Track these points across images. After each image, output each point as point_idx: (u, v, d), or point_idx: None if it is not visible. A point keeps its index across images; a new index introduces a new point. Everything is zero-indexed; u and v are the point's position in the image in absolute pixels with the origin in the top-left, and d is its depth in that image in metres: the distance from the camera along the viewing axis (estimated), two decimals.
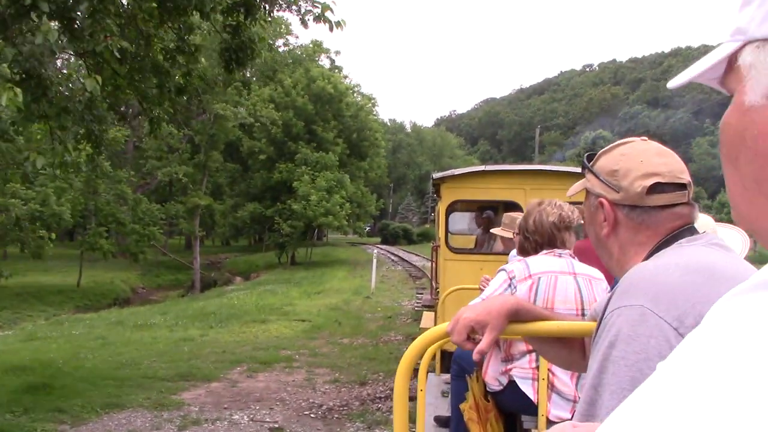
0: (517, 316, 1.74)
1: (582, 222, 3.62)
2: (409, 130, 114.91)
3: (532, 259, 3.52)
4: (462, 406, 3.74)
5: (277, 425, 7.32)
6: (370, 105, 51.56)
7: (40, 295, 28.83)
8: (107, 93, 8.17)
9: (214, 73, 10.29)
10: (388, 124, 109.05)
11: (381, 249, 53.36)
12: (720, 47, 0.73)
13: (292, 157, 39.86)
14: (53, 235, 15.18)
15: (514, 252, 4.44)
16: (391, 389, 8.85)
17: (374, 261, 23.94)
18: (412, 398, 7.39)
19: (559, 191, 2.47)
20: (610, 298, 1.37)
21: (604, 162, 1.57)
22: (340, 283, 27.16)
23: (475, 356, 1.73)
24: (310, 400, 8.47)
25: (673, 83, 0.84)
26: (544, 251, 3.55)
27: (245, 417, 7.61)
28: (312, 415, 7.82)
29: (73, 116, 6.86)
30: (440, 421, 5.13)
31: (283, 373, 10.10)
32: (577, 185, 1.72)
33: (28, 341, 13.56)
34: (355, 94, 50.02)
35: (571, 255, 3.58)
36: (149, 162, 34.15)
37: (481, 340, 1.71)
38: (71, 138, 8.00)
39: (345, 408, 8.14)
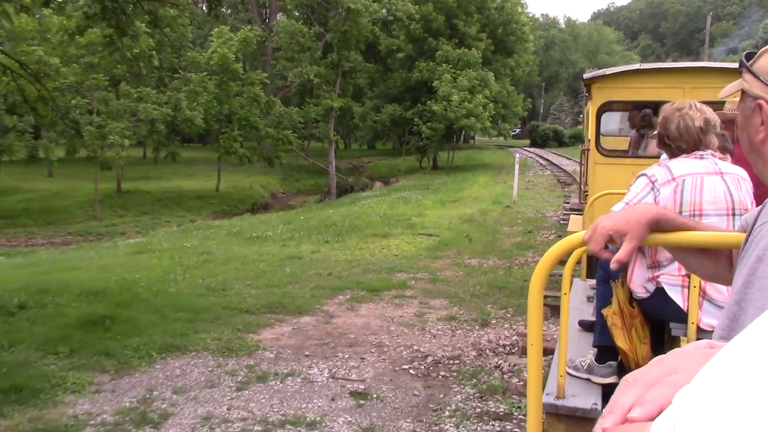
0: (658, 225, 1.63)
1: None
2: (563, 26, 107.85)
3: (674, 162, 3.40)
4: (605, 311, 3.71)
5: (362, 388, 5.64)
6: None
7: (180, 200, 28.92)
8: None
9: None
10: (540, 19, 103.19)
11: (529, 152, 50.53)
12: None
13: (432, 54, 37.45)
14: (126, 142, 13.99)
15: (665, 155, 3.86)
16: (519, 334, 7.04)
17: (516, 166, 21.62)
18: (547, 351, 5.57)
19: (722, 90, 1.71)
20: (761, 210, 1.32)
21: (767, 61, 1.35)
22: (480, 190, 25.16)
23: (612, 265, 1.62)
24: (414, 348, 6.73)
25: None
26: (684, 154, 3.41)
27: (326, 371, 5.99)
28: (412, 371, 6.08)
29: None
30: (584, 325, 4.94)
31: (391, 304, 8.43)
32: (733, 85, 1.52)
33: (135, 254, 12.70)
34: None
35: (713, 155, 3.42)
36: (279, 62, 32.86)
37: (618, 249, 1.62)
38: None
39: (456, 361, 6.34)
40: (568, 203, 19.02)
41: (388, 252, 12.11)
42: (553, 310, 7.55)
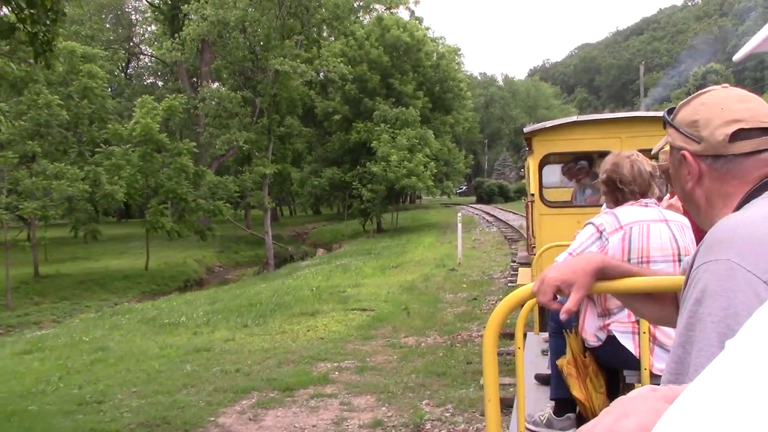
0: (603, 273, 1.69)
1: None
2: (501, 83, 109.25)
3: (621, 210, 3.43)
4: (560, 362, 3.68)
5: None
6: (454, 55, 47.41)
7: (105, 281, 26.76)
8: None
9: None
10: (479, 78, 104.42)
11: (475, 209, 49.70)
12: None
13: (369, 115, 36.48)
14: None
15: (605, 205, 3.90)
16: None
17: (459, 225, 20.35)
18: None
19: (657, 138, 1.81)
20: (696, 254, 1.32)
21: (684, 114, 1.51)
22: (424, 253, 23.84)
23: (562, 316, 1.67)
24: None
25: (738, 56, 1.06)
26: (630, 202, 3.46)
27: None
28: None
29: None
30: (541, 378, 4.86)
31: (305, 408, 6.86)
32: (662, 142, 1.63)
33: (21, 355, 10.93)
34: (439, 47, 45.90)
35: (656, 203, 3.50)
36: (207, 130, 31.35)
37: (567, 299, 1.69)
38: None
39: None
40: (515, 261, 17.84)
41: (313, 335, 10.54)
42: (503, 403, 6.16)
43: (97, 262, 31.44)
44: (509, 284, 14.15)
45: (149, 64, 53.42)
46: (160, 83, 48.69)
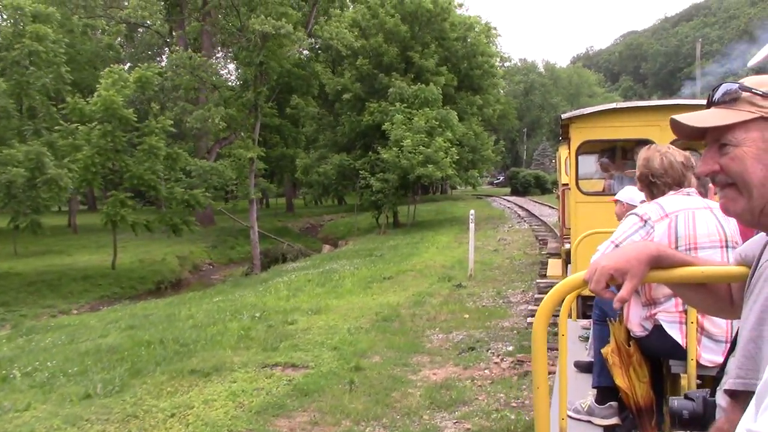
0: (658, 262, 1.60)
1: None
2: (543, 70, 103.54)
3: (664, 200, 3.39)
4: (604, 350, 3.66)
5: None
6: (485, 27, 42.34)
7: (60, 283, 22.57)
8: None
9: None
10: (519, 64, 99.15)
11: (507, 201, 44.87)
12: None
13: (385, 94, 31.82)
14: None
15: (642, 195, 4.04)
16: None
17: (471, 227, 15.55)
18: None
19: None
20: (765, 246, 1.30)
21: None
22: (434, 256, 19.19)
23: (616, 305, 1.59)
24: None
25: (753, 62, 1.49)
26: (672, 192, 3.41)
27: None
28: None
29: None
30: (580, 366, 4.71)
31: None
32: (734, 118, 1.33)
33: None
34: (472, 21, 40.90)
35: (696, 192, 3.46)
36: (178, 104, 26.83)
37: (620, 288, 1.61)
38: None
39: None
40: (544, 273, 13.25)
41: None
42: None
43: (68, 258, 27.46)
44: (531, 319, 9.55)
45: (149, 37, 49.32)
46: (158, 58, 44.52)
